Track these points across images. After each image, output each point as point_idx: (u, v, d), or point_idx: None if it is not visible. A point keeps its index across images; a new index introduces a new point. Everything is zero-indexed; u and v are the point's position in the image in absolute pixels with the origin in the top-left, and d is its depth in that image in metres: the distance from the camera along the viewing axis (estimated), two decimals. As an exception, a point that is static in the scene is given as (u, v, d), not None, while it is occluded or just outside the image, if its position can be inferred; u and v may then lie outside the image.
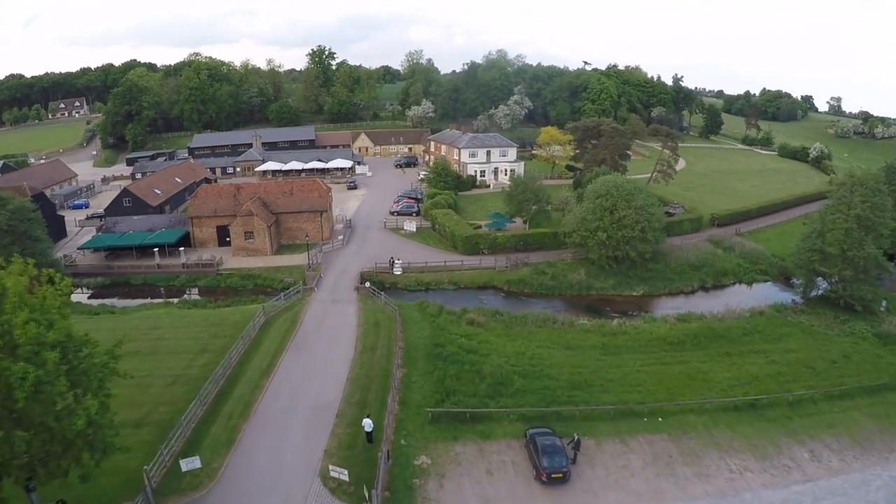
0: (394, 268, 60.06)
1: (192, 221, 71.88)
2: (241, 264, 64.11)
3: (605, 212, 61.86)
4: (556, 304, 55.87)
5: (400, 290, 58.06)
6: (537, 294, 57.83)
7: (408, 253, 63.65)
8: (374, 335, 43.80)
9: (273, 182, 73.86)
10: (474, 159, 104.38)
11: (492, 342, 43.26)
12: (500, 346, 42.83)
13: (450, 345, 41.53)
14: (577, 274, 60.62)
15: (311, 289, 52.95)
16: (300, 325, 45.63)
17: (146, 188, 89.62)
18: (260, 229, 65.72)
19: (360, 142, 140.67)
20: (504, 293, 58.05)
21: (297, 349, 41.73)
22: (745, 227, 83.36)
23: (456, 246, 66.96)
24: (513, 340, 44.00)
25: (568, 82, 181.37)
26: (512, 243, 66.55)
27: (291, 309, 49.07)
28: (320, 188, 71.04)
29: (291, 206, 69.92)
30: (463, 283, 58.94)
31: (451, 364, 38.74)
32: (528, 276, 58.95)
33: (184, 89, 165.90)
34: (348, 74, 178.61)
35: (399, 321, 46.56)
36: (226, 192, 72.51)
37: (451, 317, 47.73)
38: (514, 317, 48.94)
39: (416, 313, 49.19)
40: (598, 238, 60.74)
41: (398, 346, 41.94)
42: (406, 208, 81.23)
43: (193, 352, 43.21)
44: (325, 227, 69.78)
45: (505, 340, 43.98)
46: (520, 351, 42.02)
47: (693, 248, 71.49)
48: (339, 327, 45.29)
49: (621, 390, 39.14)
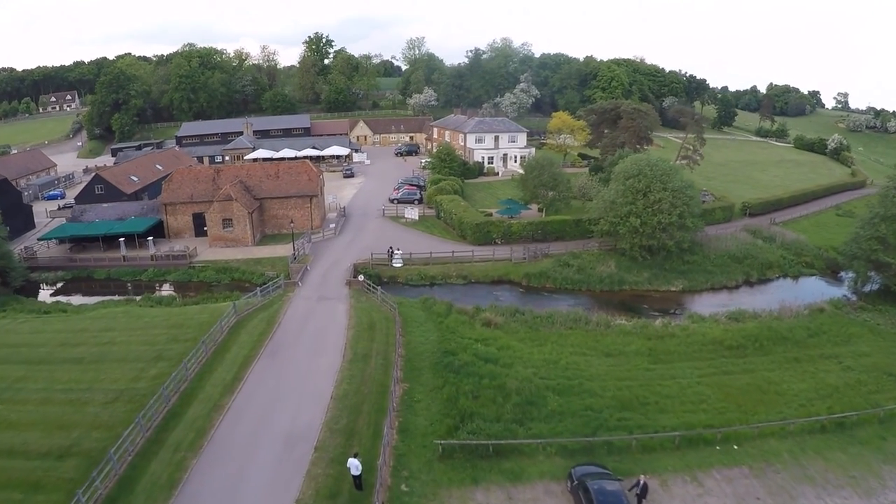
0: (393, 259, 51.73)
1: (166, 209, 63.63)
2: (218, 256, 55.82)
3: (638, 194, 53.65)
4: (584, 301, 47.50)
5: (400, 286, 49.73)
6: (561, 289, 49.48)
7: (409, 243, 55.23)
8: (367, 340, 35.41)
9: (257, 164, 65.68)
10: (481, 145, 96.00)
11: (514, 348, 34.86)
12: (524, 352, 34.47)
13: (463, 352, 33.10)
14: (607, 266, 52.28)
15: (294, 283, 44.59)
16: (278, 328, 37.28)
17: (121, 174, 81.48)
18: (240, 216, 57.37)
19: (359, 130, 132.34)
20: (523, 288, 49.69)
21: (272, 357, 33.37)
22: (779, 217, 76.82)
23: (464, 235, 58.58)
24: (540, 346, 35.63)
25: (577, 70, 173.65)
26: (528, 232, 58.18)
27: (269, 307, 40.73)
28: (310, 170, 62.67)
29: (277, 190, 61.56)
30: (474, 277, 50.55)
31: (465, 377, 30.26)
32: (551, 269, 50.56)
33: (174, 77, 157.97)
34: (346, 62, 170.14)
35: (399, 322, 38.23)
36: (203, 175, 64.21)
37: (462, 317, 39.34)
38: (537, 316, 40.59)
39: (419, 312, 40.90)
40: (630, 225, 52.49)
41: (397, 354, 33.51)
42: (407, 195, 72.84)
43: (146, 360, 35.27)
44: (315, 214, 61.40)
45: (530, 346, 35.61)
46: (550, 359, 33.68)
47: (731, 239, 64.04)
48: (324, 330, 36.91)
49: (682, 409, 31.00)
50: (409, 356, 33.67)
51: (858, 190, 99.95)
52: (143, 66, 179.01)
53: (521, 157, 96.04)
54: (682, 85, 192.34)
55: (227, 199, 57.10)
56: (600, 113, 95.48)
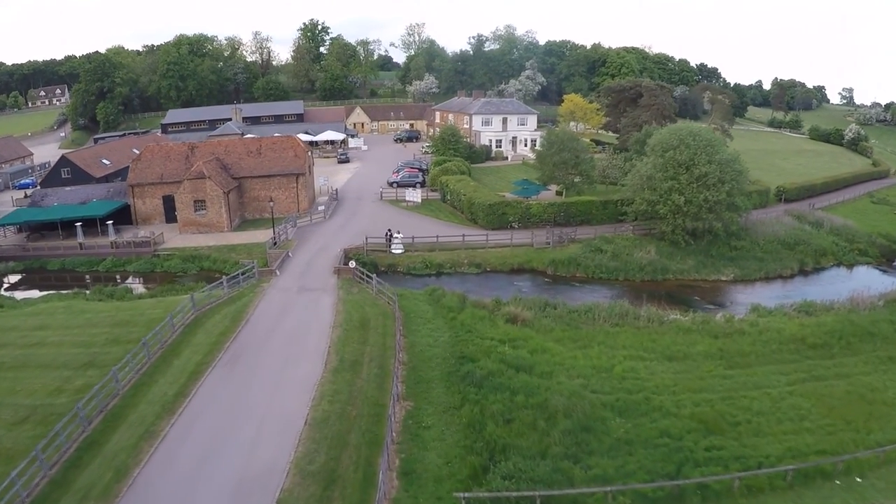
0: (392, 244, 43.69)
1: (133, 191, 55.61)
2: (188, 243, 47.76)
3: (680, 168, 45.72)
4: (622, 292, 39.48)
5: (401, 276, 41.74)
6: (594, 279, 41.49)
7: (412, 228, 47.07)
8: (358, 341, 27.30)
9: (237, 139, 57.72)
10: (488, 127, 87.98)
11: (551, 351, 26.75)
12: (566, 357, 26.40)
13: (485, 357, 24.93)
14: (646, 252, 44.30)
15: (270, 272, 36.48)
16: (244, 326, 29.16)
17: (91, 158, 73.50)
18: (214, 197, 49.29)
19: (356, 117, 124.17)
20: (548, 278, 41.65)
21: (232, 365, 25.28)
22: (815, 203, 70.05)
23: (475, 219, 50.52)
24: (584, 348, 27.55)
25: (584, 56, 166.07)
26: (549, 215, 50.12)
27: (237, 301, 32.63)
28: (296, 146, 54.55)
29: (259, 168, 53.44)
30: (489, 265, 42.51)
31: (491, 393, 22.13)
32: (581, 256, 42.51)
33: (161, 64, 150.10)
34: (343, 49, 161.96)
35: (399, 319, 30.19)
36: (176, 153, 56.13)
37: (480, 311, 31.17)
38: (573, 311, 32.50)
39: (425, 306, 32.95)
40: (672, 203, 44.55)
41: (398, 361, 25.40)
42: (408, 178, 64.77)
43: (75, 366, 27.58)
44: (301, 195, 53.28)
45: (571, 348, 27.52)
46: (600, 365, 25.65)
47: (777, 223, 56.65)
48: (303, 329, 28.80)
49: (781, 430, 23.23)
50: (413, 363, 25.55)
51: (883, 179, 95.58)
52: (130, 55, 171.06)
53: (531, 141, 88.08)
54: (692, 73, 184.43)
55: (199, 176, 49.03)
56: (618, 91, 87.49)
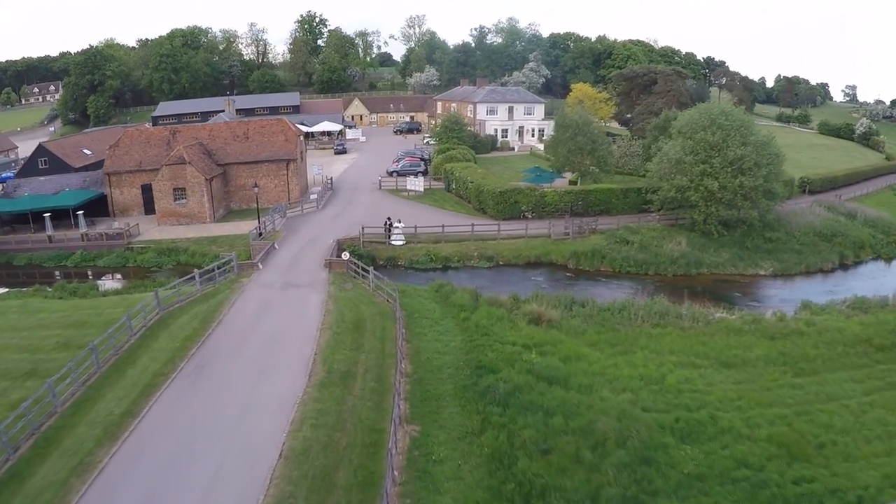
0: (392, 234, 39.07)
1: (110, 180, 50.98)
2: (166, 235, 43.16)
3: (713, 151, 41.20)
4: (656, 288, 34.83)
5: (402, 270, 37.14)
6: (621, 273, 36.88)
7: (414, 218, 42.29)
8: (351, 347, 22.54)
9: (222, 123, 53.17)
10: (493, 116, 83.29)
11: (587, 358, 22.08)
12: (605, 365, 21.76)
13: (508, 367, 20.22)
14: (676, 244, 39.72)
15: (252, 265, 31.79)
16: (215, 328, 24.45)
17: (71, 147, 68.90)
18: (195, 185, 44.66)
19: (354, 109, 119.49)
20: (569, 272, 37.01)
21: (195, 378, 20.56)
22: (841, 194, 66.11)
23: (484, 208, 45.89)
24: (625, 353, 22.93)
25: (590, 49, 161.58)
26: (566, 203, 45.46)
27: (210, 298, 27.97)
28: (287, 129, 49.88)
29: (246, 154, 48.79)
30: (502, 258, 37.85)
31: (520, 413, 17.42)
32: (605, 247, 37.87)
33: (153, 56, 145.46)
34: (341, 41, 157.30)
35: (401, 319, 25.48)
36: (156, 138, 51.53)
37: (496, 310, 26.41)
38: (605, 309, 27.86)
39: (431, 305, 28.33)
40: (704, 189, 40.01)
41: (399, 373, 20.64)
42: (409, 166, 60.09)
43: (15, 375, 23.38)
44: (292, 182, 48.63)
45: (610, 354, 22.89)
46: (648, 374, 21.03)
47: (810, 213, 52.29)
48: (285, 332, 24.02)
49: (871, 451, 18.81)
50: (418, 375, 20.83)
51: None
52: (122, 49, 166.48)
53: (538, 131, 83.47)
54: (699, 67, 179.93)
55: (179, 162, 44.39)
56: (630, 78, 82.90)
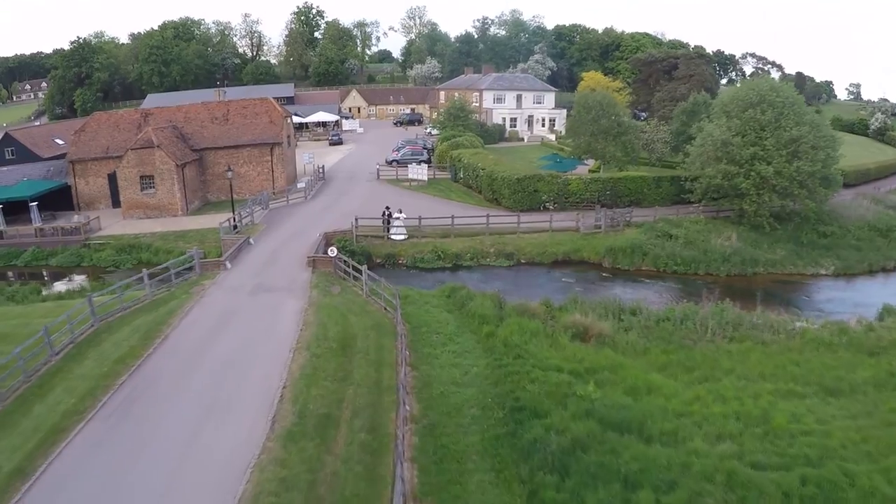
0: (391, 227, 33.07)
1: (74, 168, 44.98)
2: (130, 230, 37.17)
3: (764, 131, 35.30)
4: (710, 290, 28.82)
5: (403, 270, 31.19)
6: (666, 272, 30.91)
7: (419, 210, 36.00)
8: (334, 376, 16.19)
9: (199, 104, 47.23)
10: (501, 105, 77.45)
11: (660, 389, 16.10)
12: (684, 398, 15.78)
13: (558, 407, 14.05)
14: (725, 238, 33.72)
15: (218, 265, 25.73)
16: (158, 347, 18.35)
17: (41, 136, 62.63)
18: (165, 171, 38.68)
19: (351, 101, 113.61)
20: (605, 271, 31.03)
21: (118, 419, 14.40)
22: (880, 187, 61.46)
23: (498, 198, 39.91)
24: (706, 380, 16.96)
25: (597, 40, 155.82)
26: (591, 193, 39.50)
27: (161, 306, 21.91)
28: (272, 109, 43.89)
29: (225, 137, 42.80)
30: (524, 256, 31.89)
31: (585, 485, 11.25)
32: (646, 243, 31.85)
33: (143, 48, 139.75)
34: (339, 32, 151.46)
35: (403, 336, 19.32)
36: (126, 121, 45.59)
37: (528, 322, 20.22)
38: (662, 318, 21.89)
39: (442, 314, 22.29)
40: (757, 175, 34.14)
41: (400, 416, 14.11)
42: (411, 155, 54.06)
43: None
44: (277, 170, 42.65)
45: (687, 381, 16.88)
46: (745, 411, 15.11)
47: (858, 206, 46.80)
48: (247, 353, 17.78)
49: None
50: (429, 420, 14.41)
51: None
52: (111, 44, 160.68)
53: (549, 121, 77.58)
54: (711, 60, 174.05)
55: (147, 145, 38.43)
56: (649, 64, 77.03)
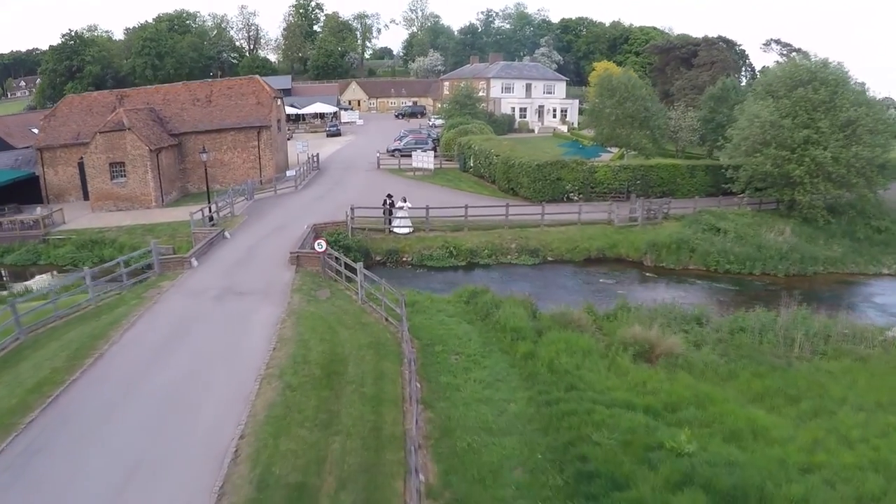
0: (393, 219, 28.53)
1: (43, 157, 40.45)
2: (97, 223, 32.64)
3: (816, 112, 30.85)
4: (771, 293, 24.29)
5: (408, 269, 26.65)
6: (717, 272, 26.34)
7: (425, 201, 31.27)
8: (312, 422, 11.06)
9: (180, 85, 42.69)
10: (509, 94, 72.96)
11: (768, 433, 11.64)
12: (800, 444, 11.27)
13: (640, 467, 9.65)
14: (779, 233, 29.18)
15: (183, 262, 21.14)
16: (86, 371, 13.73)
17: (17, 125, 58.22)
18: (137, 158, 34.16)
19: (351, 94, 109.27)
20: (647, 270, 26.51)
21: (9, 482, 9.93)
22: None
23: (515, 188, 35.35)
24: (817, 415, 12.42)
25: (604, 33, 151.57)
26: (622, 181, 34.94)
27: (105, 314, 17.33)
28: (260, 90, 39.37)
29: (207, 121, 38.26)
30: (551, 252, 27.35)
31: None
32: (693, 238, 27.28)
33: (136, 41, 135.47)
34: (338, 25, 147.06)
35: (411, 357, 14.13)
36: (100, 103, 41.08)
37: (575, 335, 15.57)
38: (736, 328, 17.30)
39: (460, 326, 17.74)
40: (812, 161, 29.66)
41: (413, 490, 8.95)
42: (414, 144, 49.50)
43: None
44: (265, 157, 38.14)
45: (795, 417, 12.40)
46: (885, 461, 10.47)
47: None
48: (198, 382, 12.90)
49: None
50: (454, 494, 9.22)
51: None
52: (104, 39, 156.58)
53: (560, 111, 73.07)
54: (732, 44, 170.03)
55: (117, 128, 33.94)
56: (667, 50, 72.46)
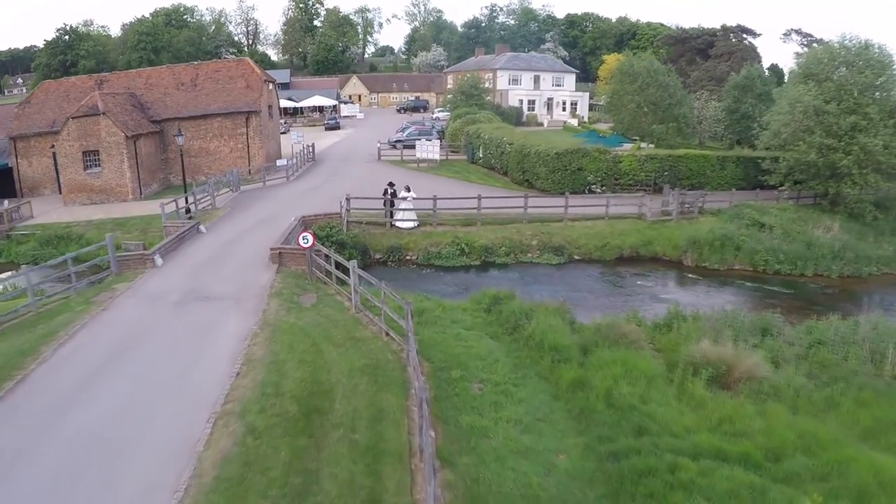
0: (395, 212, 25.25)
1: (16, 147, 37.28)
2: (70, 217, 29.47)
3: (863, 96, 27.62)
4: (824, 296, 21.05)
5: (413, 269, 23.37)
6: (766, 273, 23.09)
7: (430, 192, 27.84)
8: (282, 491, 8.04)
9: (164, 68, 39.58)
10: (517, 87, 69.68)
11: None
12: None
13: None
14: (826, 230, 25.93)
15: (144, 260, 17.89)
16: (2, 398, 10.62)
17: None
18: (112, 145, 30.97)
19: (351, 88, 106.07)
20: (686, 271, 23.28)
21: None
22: None
23: (531, 179, 32.06)
24: None
25: (611, 28, 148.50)
26: (648, 172, 31.68)
27: (45, 322, 14.12)
28: (250, 72, 36.10)
29: (192, 106, 35.03)
30: (577, 250, 24.08)
31: None
32: (737, 234, 23.99)
33: (131, 35, 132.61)
34: (339, 19, 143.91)
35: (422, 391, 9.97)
36: (78, 88, 37.89)
37: (632, 357, 11.88)
38: (815, 341, 14.06)
39: (483, 343, 14.37)
40: (861, 150, 26.45)
41: None
42: (417, 134, 46.18)
43: None
44: (254, 145, 34.89)
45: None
46: None
47: None
48: (136, 422, 9.63)
49: None
50: None
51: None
52: (100, 35, 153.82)
53: (571, 104, 69.80)
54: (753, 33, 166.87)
55: (91, 112, 30.76)
56: (682, 41, 69.18)
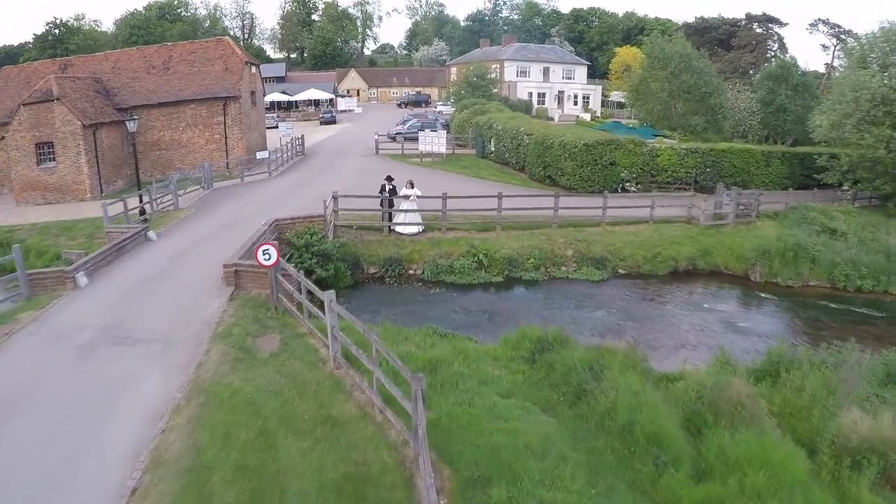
0: (395, 213, 20.86)
1: (-31, 140, 32.95)
2: (17, 220, 25.23)
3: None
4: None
5: (417, 287, 18.96)
6: (846, 290, 18.81)
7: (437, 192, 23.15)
8: None
9: (135, 50, 35.20)
10: (525, 79, 65.53)
11: None
12: None
13: None
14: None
15: (63, 279, 13.57)
16: None
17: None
18: (68, 136, 26.71)
19: (350, 83, 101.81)
20: (754, 287, 18.98)
21: None
22: None
23: (553, 176, 27.68)
24: None
25: (618, 23, 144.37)
26: (689, 168, 27.39)
27: None
28: (230, 53, 31.74)
29: (163, 91, 30.72)
30: (621, 262, 19.72)
31: None
32: (811, 244, 19.68)
33: (124, 29, 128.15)
34: (337, 13, 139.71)
35: None
36: (40, 74, 33.58)
37: (764, 442, 7.80)
38: None
39: (531, 420, 8.93)
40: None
41: None
42: (419, 126, 41.82)
43: None
44: (233, 135, 30.57)
45: None
46: None
47: None
48: None
49: None
50: None
51: None
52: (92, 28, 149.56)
53: (582, 98, 65.59)
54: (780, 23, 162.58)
55: (44, 98, 26.54)
56: (702, 31, 64.90)
